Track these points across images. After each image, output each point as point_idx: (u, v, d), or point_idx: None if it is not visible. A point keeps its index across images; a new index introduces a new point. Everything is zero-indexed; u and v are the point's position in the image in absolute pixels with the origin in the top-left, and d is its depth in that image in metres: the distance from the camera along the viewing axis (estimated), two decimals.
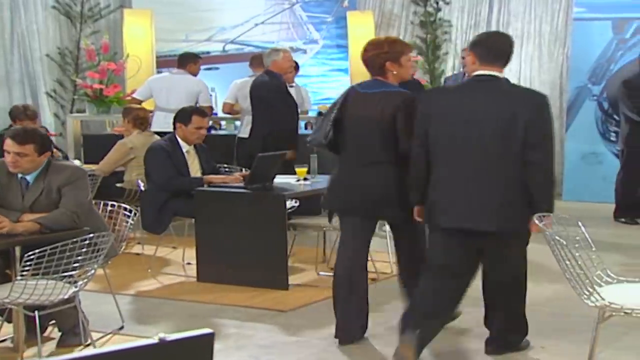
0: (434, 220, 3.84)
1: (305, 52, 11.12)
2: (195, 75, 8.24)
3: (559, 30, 9.75)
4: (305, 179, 5.81)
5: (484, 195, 3.64)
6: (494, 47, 3.78)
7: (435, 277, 3.87)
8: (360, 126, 4.16)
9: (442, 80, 9.65)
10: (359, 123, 4.16)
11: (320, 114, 7.82)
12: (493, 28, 10.23)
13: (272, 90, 7.05)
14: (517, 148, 3.58)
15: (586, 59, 9.06)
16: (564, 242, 2.80)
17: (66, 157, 7.32)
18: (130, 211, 4.70)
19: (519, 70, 9.93)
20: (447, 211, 3.75)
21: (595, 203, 7.71)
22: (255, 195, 5.47)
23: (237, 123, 9.09)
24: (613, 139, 8.60)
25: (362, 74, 4.45)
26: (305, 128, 8.83)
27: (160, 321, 4.88)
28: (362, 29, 10.31)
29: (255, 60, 8.17)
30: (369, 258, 5.49)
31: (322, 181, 5.82)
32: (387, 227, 4.84)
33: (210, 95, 8.84)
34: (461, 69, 6.49)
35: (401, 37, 10.79)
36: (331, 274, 5.76)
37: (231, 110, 8.30)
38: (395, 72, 4.14)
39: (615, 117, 8.36)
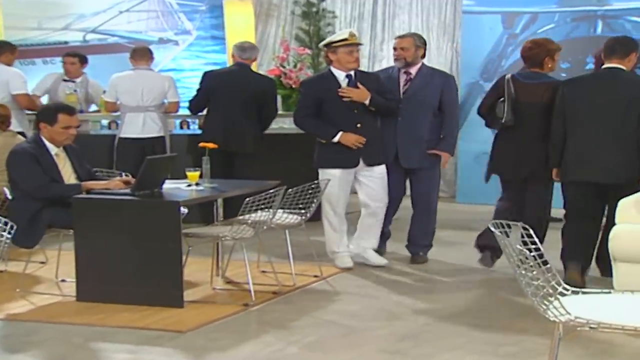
0: (571, 176, 5.40)
1: (177, 43, 10.80)
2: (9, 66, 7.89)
3: (448, 23, 9.92)
4: (197, 184, 5.58)
5: (607, 157, 5.23)
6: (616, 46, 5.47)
7: (572, 221, 5.42)
8: (529, 108, 5.64)
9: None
10: (528, 106, 5.65)
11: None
12: (378, 20, 10.33)
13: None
14: (634, 123, 5.20)
15: (477, 54, 9.25)
16: (521, 248, 2.75)
17: None
18: (6, 223, 4.34)
19: None
20: (579, 170, 5.34)
21: (491, 206, 7.82)
22: (145, 203, 5.20)
23: (104, 122, 8.74)
24: None
25: None
26: (181, 127, 8.57)
27: (37, 348, 4.52)
28: (240, 19, 10.12)
29: (137, 53, 7.85)
30: (272, 269, 5.41)
31: (216, 186, 5.62)
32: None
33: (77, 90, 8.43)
34: (394, 62, 6.32)
35: (282, 29, 10.76)
36: (228, 287, 5.64)
37: (114, 108, 7.93)
38: (550, 66, 5.78)
39: None
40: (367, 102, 5.92)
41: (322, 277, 5.86)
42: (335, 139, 5.92)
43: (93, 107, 8.68)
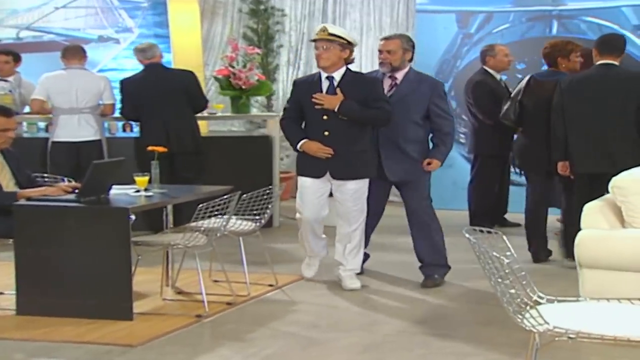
0: (580, 169, 6.02)
1: (118, 42, 10.65)
2: None
3: (400, 22, 9.95)
4: (146, 189, 5.48)
5: (612, 148, 5.88)
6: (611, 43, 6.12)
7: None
8: (543, 104, 6.29)
9: None
10: (541, 102, 6.32)
11: None
12: (329, 18, 10.31)
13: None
14: (633, 114, 5.86)
15: (431, 54, 9.28)
16: (497, 255, 2.73)
17: None
18: None
19: (360, 65, 10.03)
20: (587, 162, 5.98)
21: (447, 210, 7.86)
22: (91, 210, 5.08)
23: (41, 124, 8.55)
24: (462, 140, 8.87)
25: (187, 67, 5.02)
26: (124, 130, 8.42)
27: None
28: (184, 16, 10.01)
29: (69, 51, 7.68)
30: (225, 278, 5.33)
31: (166, 192, 5.53)
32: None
33: None
34: (379, 67, 5.91)
35: (229, 27, 10.69)
36: (179, 298, 5.55)
37: (41, 108, 7.74)
38: (564, 65, 6.52)
39: (464, 117, 8.61)
40: (335, 109, 5.48)
41: (278, 286, 5.80)
42: (298, 147, 5.64)
43: (26, 109, 8.49)
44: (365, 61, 10.04)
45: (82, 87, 7.53)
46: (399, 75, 5.78)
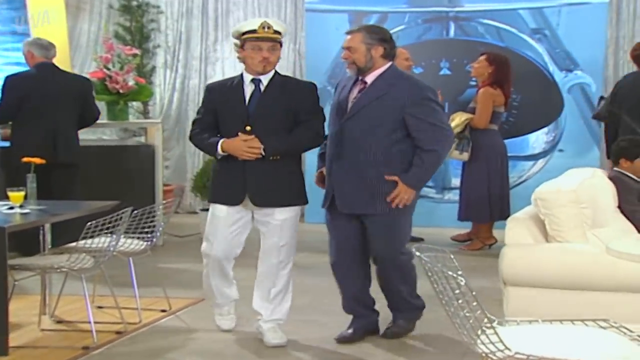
0: None
1: None
2: None
3: (289, 22, 9.92)
4: (21, 206, 5.21)
5: None
6: None
7: None
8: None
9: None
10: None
11: None
12: (210, 16, 10.21)
13: None
14: None
15: (323, 56, 9.30)
16: (455, 275, 2.70)
17: None
18: None
19: (235, 68, 9.93)
20: None
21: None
22: None
23: None
24: None
25: None
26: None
27: None
28: (46, 12, 9.64)
29: None
30: (115, 304, 5.13)
31: (45, 208, 5.26)
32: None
33: None
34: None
35: (96, 25, 10.40)
36: (60, 328, 5.30)
37: None
38: None
39: None
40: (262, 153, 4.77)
41: (171, 311, 5.63)
42: (219, 148, 4.80)
43: None
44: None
45: None
46: (370, 78, 4.80)
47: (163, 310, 5.62)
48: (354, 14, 9.32)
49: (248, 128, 4.77)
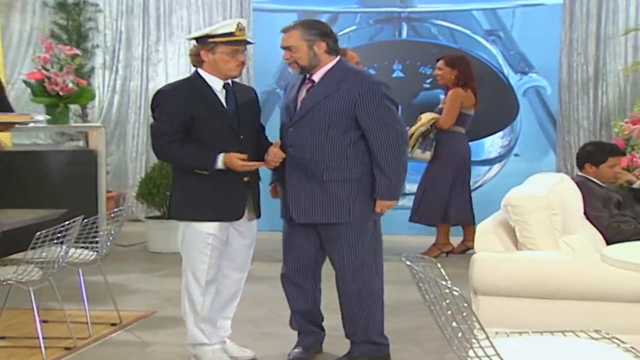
0: None
1: None
2: None
3: None
4: None
5: None
6: None
7: None
8: None
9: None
10: None
11: None
12: (151, 15, 10.11)
13: None
14: None
15: (271, 58, 9.18)
16: (446, 284, 2.67)
17: None
18: None
19: (177, 70, 9.85)
20: None
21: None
22: None
23: None
24: None
25: None
26: None
27: None
28: None
29: None
30: (64, 319, 5.02)
31: None
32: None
33: None
34: None
35: (29, 23, 10.19)
36: (2, 345, 5.15)
37: None
38: None
39: None
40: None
41: (122, 325, 5.52)
42: (219, 164, 4.52)
43: None
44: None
45: None
46: (317, 76, 4.60)
47: (113, 324, 5.52)
48: (304, 13, 9.27)
49: (242, 137, 4.61)
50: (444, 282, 2.66)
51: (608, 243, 5.39)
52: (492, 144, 9.04)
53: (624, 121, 6.93)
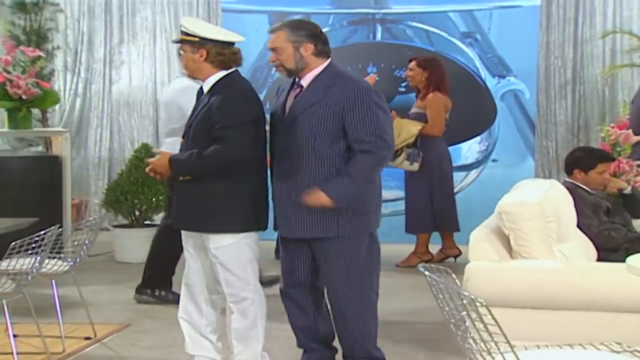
0: None
1: None
2: None
3: None
4: None
5: None
6: None
7: None
8: None
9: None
10: None
11: None
12: (114, 16, 10.01)
13: None
14: None
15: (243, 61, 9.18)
16: (467, 294, 2.65)
17: None
18: None
19: (154, 73, 9.79)
20: None
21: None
22: None
23: None
24: None
25: None
26: None
27: None
28: None
29: None
30: (39, 332, 4.93)
31: None
32: None
33: None
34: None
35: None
36: None
37: None
38: None
39: None
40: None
41: (97, 338, 5.45)
42: None
43: None
44: (161, 67, 9.82)
45: None
46: (306, 81, 4.46)
47: (87, 338, 5.46)
48: (274, 14, 9.26)
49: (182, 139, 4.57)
50: (466, 293, 2.63)
51: (598, 251, 5.43)
52: (469, 149, 9.06)
53: (609, 125, 6.91)
